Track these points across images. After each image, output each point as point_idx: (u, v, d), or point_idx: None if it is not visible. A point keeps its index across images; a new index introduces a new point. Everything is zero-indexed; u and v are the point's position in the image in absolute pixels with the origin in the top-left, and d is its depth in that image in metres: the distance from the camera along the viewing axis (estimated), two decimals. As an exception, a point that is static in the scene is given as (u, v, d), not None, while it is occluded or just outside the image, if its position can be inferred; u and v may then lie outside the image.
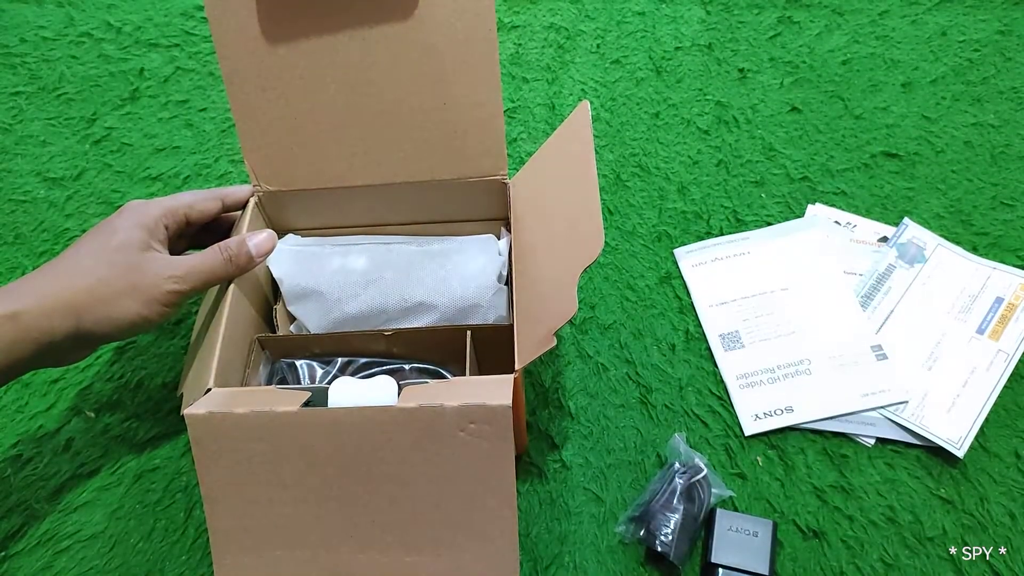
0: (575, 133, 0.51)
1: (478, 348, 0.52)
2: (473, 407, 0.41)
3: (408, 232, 0.61)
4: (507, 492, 0.43)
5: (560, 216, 0.50)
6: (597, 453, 0.59)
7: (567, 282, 0.43)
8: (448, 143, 0.54)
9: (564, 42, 0.87)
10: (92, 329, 0.45)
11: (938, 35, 0.86)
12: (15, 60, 0.85)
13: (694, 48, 0.86)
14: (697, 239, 0.71)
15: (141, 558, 0.54)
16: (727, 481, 0.57)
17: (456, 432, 0.42)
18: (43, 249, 0.71)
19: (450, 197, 0.58)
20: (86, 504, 0.56)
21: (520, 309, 0.48)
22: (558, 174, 0.52)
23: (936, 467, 0.58)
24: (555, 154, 0.54)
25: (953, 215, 0.72)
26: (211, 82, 0.84)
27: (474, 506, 0.43)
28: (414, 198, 0.58)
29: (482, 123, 0.54)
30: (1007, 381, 0.61)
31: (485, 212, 0.59)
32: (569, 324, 0.65)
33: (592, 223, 0.45)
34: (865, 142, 0.77)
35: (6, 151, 0.78)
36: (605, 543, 0.55)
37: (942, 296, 0.66)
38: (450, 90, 0.53)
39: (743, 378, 0.62)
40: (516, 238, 0.53)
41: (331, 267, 0.56)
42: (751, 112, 0.80)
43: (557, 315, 0.43)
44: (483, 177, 0.56)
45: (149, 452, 0.59)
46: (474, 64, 0.51)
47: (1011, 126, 0.78)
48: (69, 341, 0.45)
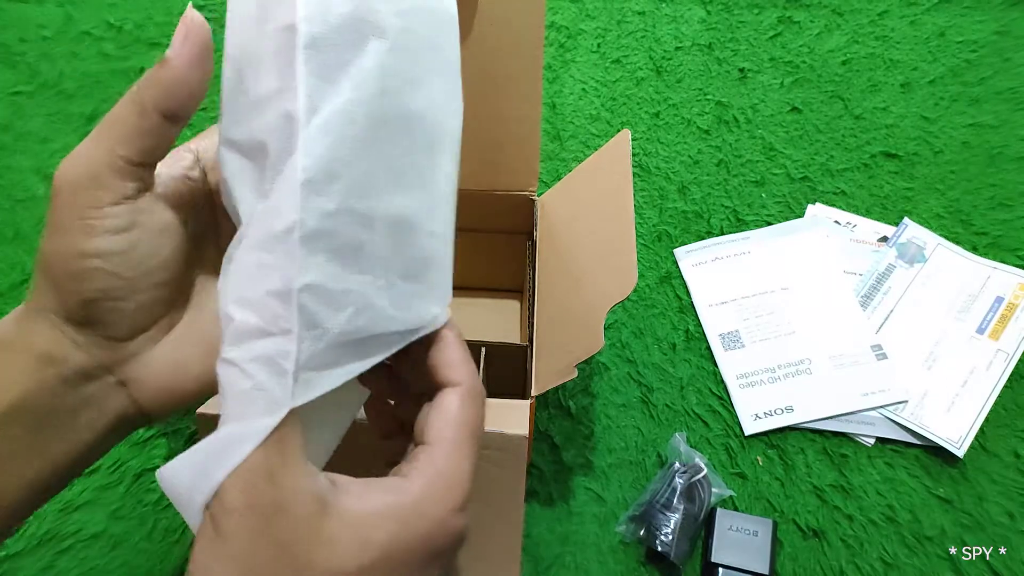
0: (614, 163, 0.50)
1: (490, 363, 0.52)
2: (489, 434, 0.40)
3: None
4: (515, 519, 0.43)
5: (592, 246, 0.49)
6: (598, 453, 0.59)
7: (595, 316, 0.43)
8: (483, 155, 0.54)
9: (565, 41, 0.87)
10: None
11: (936, 36, 0.86)
12: (15, 58, 0.85)
13: (694, 48, 0.86)
14: (697, 239, 0.71)
15: (142, 558, 0.54)
16: (727, 481, 0.57)
17: None
18: (43, 248, 0.71)
19: (476, 207, 0.57)
20: (87, 504, 0.56)
21: (541, 334, 0.48)
22: (593, 202, 0.52)
23: (935, 467, 0.58)
24: (591, 180, 0.53)
25: (953, 215, 0.72)
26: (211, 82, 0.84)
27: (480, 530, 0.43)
28: None
29: (520, 139, 0.53)
30: (1007, 381, 0.61)
31: (509, 225, 0.59)
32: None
33: (626, 259, 0.44)
34: (865, 142, 0.78)
35: (6, 148, 0.78)
36: (606, 543, 0.55)
37: (942, 296, 0.66)
38: (492, 103, 0.52)
39: (743, 378, 0.62)
40: (540, 257, 0.53)
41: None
42: (751, 112, 0.80)
43: (582, 348, 0.43)
44: (512, 191, 0.56)
45: (149, 452, 0.59)
46: (518, 80, 0.51)
47: (1009, 126, 0.78)
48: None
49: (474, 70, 0.51)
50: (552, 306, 0.49)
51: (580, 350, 0.43)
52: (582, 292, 0.47)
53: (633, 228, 0.45)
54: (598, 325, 0.42)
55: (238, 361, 0.24)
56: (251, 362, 0.23)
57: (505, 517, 0.43)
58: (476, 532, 0.43)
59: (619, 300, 0.43)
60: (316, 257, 0.24)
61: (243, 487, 0.22)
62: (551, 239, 0.54)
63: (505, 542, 0.43)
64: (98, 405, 0.29)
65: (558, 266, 0.51)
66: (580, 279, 0.48)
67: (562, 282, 0.50)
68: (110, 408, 0.29)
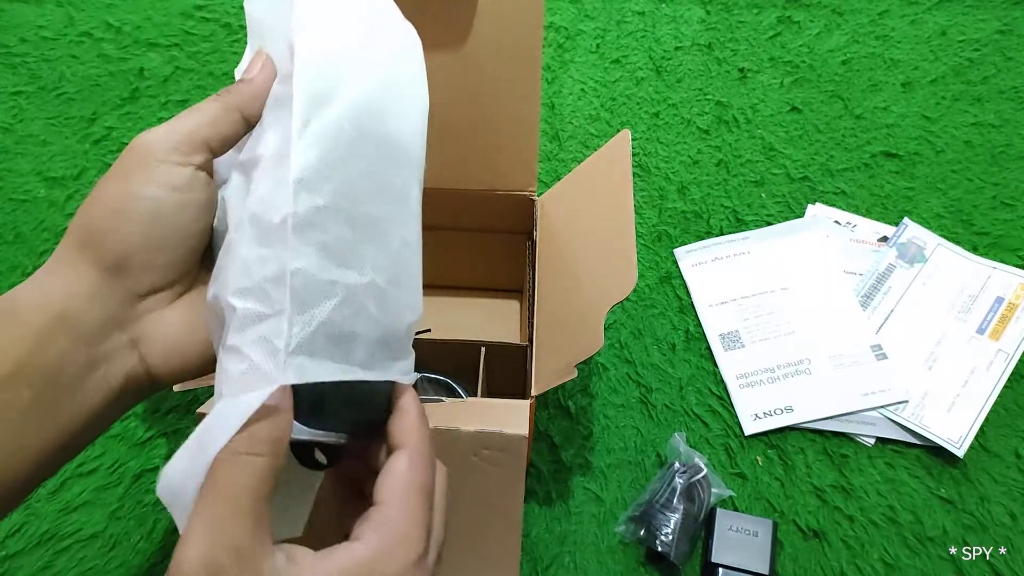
0: (614, 163, 0.50)
1: (489, 363, 0.52)
2: (489, 434, 0.41)
3: (428, 236, 0.61)
4: (514, 519, 0.43)
5: (591, 246, 0.49)
6: (597, 453, 0.59)
7: (594, 316, 0.43)
8: (482, 155, 0.54)
9: (564, 41, 0.87)
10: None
11: (938, 35, 0.86)
12: (15, 60, 0.85)
13: (694, 48, 0.86)
14: (697, 239, 0.71)
15: (141, 558, 0.54)
16: (727, 481, 0.57)
17: (469, 456, 0.41)
18: (43, 248, 0.71)
19: (476, 207, 0.57)
20: (86, 504, 0.56)
21: (540, 334, 0.48)
22: (593, 202, 0.52)
23: (936, 467, 0.58)
24: (590, 181, 0.53)
25: (953, 215, 0.72)
26: (211, 82, 0.84)
27: (479, 530, 0.43)
28: (439, 204, 0.58)
29: (518, 139, 0.53)
30: (1007, 381, 0.61)
31: (509, 225, 0.59)
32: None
33: (625, 258, 0.44)
34: (865, 142, 0.77)
35: (7, 150, 0.78)
36: (605, 543, 0.55)
37: (942, 296, 0.66)
38: (491, 104, 0.52)
39: (743, 378, 0.62)
40: (540, 257, 0.53)
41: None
42: (751, 112, 0.80)
43: (581, 348, 0.43)
44: (512, 192, 0.56)
45: (148, 453, 0.59)
46: (516, 81, 0.51)
47: (1011, 126, 0.78)
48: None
49: (473, 70, 0.51)
50: (552, 306, 0.49)
51: (580, 350, 0.43)
52: (582, 292, 0.47)
53: (633, 228, 0.45)
54: (598, 325, 0.42)
55: (240, 346, 0.26)
56: (249, 345, 0.26)
57: (504, 517, 0.43)
58: (476, 532, 0.43)
59: (619, 300, 0.43)
60: (307, 248, 0.27)
61: (207, 557, 0.24)
62: (551, 239, 0.54)
63: (504, 541, 0.43)
64: (107, 365, 0.30)
65: (558, 266, 0.51)
66: (580, 279, 0.48)
67: (562, 282, 0.50)
68: (119, 368, 0.30)
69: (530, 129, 0.53)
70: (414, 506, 0.28)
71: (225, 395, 0.26)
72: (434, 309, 0.60)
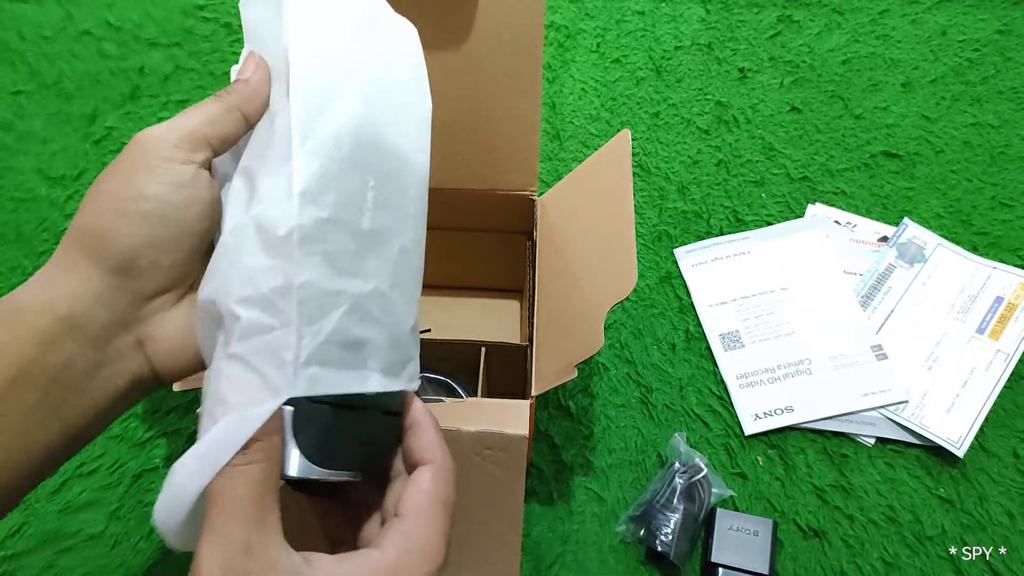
0: (614, 163, 0.50)
1: (489, 363, 0.52)
2: (489, 434, 0.41)
3: (428, 236, 0.61)
4: (514, 518, 0.43)
5: (592, 246, 0.49)
6: (598, 453, 0.59)
7: (594, 316, 0.43)
8: (483, 155, 0.54)
9: (564, 41, 0.87)
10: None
11: (938, 34, 0.86)
12: (15, 57, 0.85)
13: (694, 47, 0.86)
14: (697, 239, 0.71)
15: (142, 558, 0.54)
16: (727, 481, 0.57)
17: (471, 456, 0.41)
18: (44, 248, 0.71)
19: (476, 207, 0.57)
20: (87, 504, 0.56)
21: (540, 334, 0.48)
22: (593, 202, 0.52)
23: (936, 467, 0.58)
24: (590, 180, 0.53)
25: (953, 215, 0.72)
26: (211, 81, 0.84)
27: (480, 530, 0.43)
28: (439, 204, 0.58)
29: (519, 138, 0.53)
30: (1007, 381, 0.61)
31: (509, 225, 0.59)
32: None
33: (625, 258, 0.44)
34: (865, 142, 0.78)
35: (7, 149, 0.78)
36: (607, 542, 0.55)
37: (942, 296, 0.66)
38: (491, 103, 0.52)
39: (743, 378, 0.62)
40: (540, 257, 0.53)
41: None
42: (751, 112, 0.80)
43: (581, 348, 0.43)
44: (512, 192, 0.56)
45: (149, 453, 0.59)
46: (517, 79, 0.51)
47: (1011, 126, 0.78)
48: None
49: (474, 70, 0.51)
50: (552, 306, 0.49)
51: (580, 350, 0.43)
52: (582, 292, 0.47)
53: (633, 228, 0.45)
54: (598, 325, 0.42)
55: (244, 355, 0.26)
56: (255, 355, 0.26)
57: (505, 516, 0.43)
58: (476, 531, 0.43)
59: (619, 300, 0.43)
60: (312, 259, 0.27)
61: (220, 560, 0.24)
62: (551, 239, 0.54)
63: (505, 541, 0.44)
64: (113, 365, 0.30)
65: (558, 266, 0.51)
66: (580, 279, 0.48)
67: (562, 282, 0.50)
68: (125, 369, 0.30)
69: (531, 128, 0.53)
70: (436, 521, 0.28)
71: (231, 402, 0.26)
72: (434, 309, 0.60)
